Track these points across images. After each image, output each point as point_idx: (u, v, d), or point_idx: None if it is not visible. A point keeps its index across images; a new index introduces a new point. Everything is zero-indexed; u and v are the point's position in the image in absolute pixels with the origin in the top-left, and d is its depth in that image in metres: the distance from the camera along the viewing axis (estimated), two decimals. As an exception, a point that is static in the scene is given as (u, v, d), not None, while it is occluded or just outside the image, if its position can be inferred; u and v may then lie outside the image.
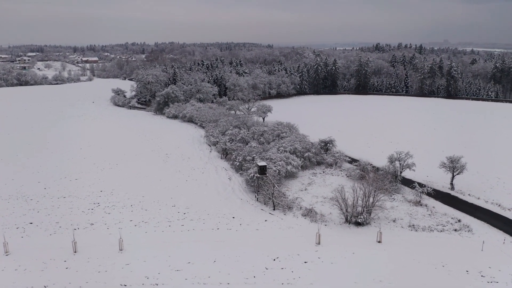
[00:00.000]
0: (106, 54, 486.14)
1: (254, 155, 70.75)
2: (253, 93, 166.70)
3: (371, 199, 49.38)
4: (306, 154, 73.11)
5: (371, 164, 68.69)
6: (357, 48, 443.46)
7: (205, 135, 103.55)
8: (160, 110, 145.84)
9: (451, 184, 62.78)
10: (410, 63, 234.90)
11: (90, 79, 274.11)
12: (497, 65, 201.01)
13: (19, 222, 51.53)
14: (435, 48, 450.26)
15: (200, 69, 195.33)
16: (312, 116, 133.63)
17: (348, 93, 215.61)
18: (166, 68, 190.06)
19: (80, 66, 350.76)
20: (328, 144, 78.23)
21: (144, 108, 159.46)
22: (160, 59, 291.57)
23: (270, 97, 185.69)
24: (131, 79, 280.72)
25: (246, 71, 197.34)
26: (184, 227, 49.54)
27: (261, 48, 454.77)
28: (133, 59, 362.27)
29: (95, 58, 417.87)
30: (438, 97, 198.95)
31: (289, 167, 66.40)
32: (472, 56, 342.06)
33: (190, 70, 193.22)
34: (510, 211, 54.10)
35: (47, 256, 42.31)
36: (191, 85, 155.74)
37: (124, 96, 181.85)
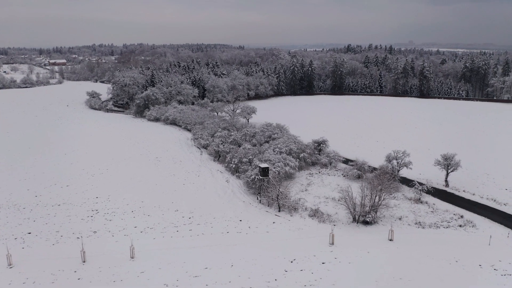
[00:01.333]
0: (74, 56, 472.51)
1: (251, 156, 70.38)
2: (237, 94, 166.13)
3: (377, 198, 49.98)
4: (302, 154, 73.34)
5: (366, 164, 69.48)
6: (327, 49, 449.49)
7: (192, 138, 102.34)
8: (140, 113, 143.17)
9: (446, 181, 64.45)
10: (382, 64, 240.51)
11: (60, 82, 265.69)
12: (467, 64, 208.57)
13: (16, 232, 49.14)
14: (402, 49, 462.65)
15: (178, 71, 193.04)
16: (294, 117, 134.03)
17: (325, 94, 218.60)
18: (142, 70, 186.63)
19: (48, 69, 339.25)
20: (321, 145, 78.81)
21: (123, 111, 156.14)
22: (132, 60, 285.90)
23: (249, 98, 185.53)
24: (103, 82, 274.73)
25: (224, 72, 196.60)
26: (193, 231, 48.59)
27: (233, 49, 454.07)
28: (104, 61, 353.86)
29: (63, 60, 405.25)
30: (411, 96, 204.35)
31: (287, 168, 66.40)
32: (438, 56, 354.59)
33: (167, 71, 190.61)
34: (506, 206, 56.04)
35: (55, 267, 40.44)
36: (171, 87, 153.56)
37: (99, 99, 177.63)
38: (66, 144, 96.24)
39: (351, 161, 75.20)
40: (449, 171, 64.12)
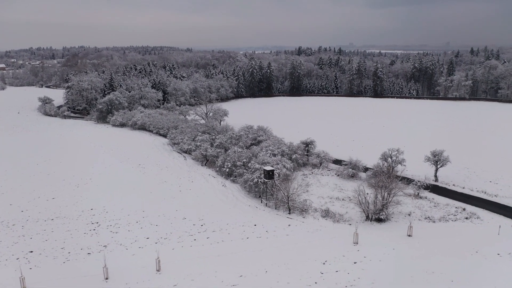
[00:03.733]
0: (12, 60, 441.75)
1: (245, 160, 69.51)
2: (210, 97, 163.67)
3: (388, 196, 51.18)
4: (294, 156, 73.63)
5: (360, 162, 70.90)
6: (274, 51, 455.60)
7: (169, 143, 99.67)
8: (103, 118, 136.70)
9: (435, 176, 67.41)
10: (336, 65, 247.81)
11: (3, 88, 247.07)
12: (416, 65, 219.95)
13: (16, 252, 44.93)
14: (346, 51, 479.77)
15: (135, 74, 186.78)
16: (262, 118, 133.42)
17: (284, 95, 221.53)
18: (98, 74, 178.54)
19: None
20: (309, 145, 79.50)
21: (82, 117, 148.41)
22: (80, 64, 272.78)
23: (211, 101, 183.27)
24: (49, 87, 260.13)
25: (183, 75, 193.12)
26: (211, 239, 47.00)
27: (180, 51, 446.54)
28: (48, 64, 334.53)
29: (2, 65, 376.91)
30: (366, 96, 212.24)
31: (284, 170, 66.28)
32: (381, 58, 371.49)
33: (123, 75, 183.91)
34: (497, 197, 59.60)
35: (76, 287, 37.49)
36: (133, 90, 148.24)
37: (53, 104, 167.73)
38: (34, 153, 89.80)
39: (340, 161, 76.58)
40: (438, 166, 67.12)
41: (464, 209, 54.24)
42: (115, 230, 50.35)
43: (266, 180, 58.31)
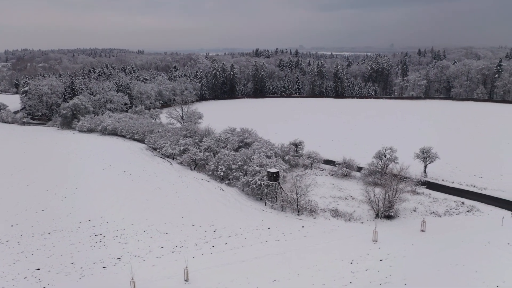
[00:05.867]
0: None
1: (240, 162, 68.64)
2: (186, 99, 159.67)
3: (395, 194, 52.45)
4: (287, 157, 73.69)
5: (353, 161, 72.14)
6: (228, 53, 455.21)
7: (147, 148, 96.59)
8: (67, 124, 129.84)
9: (425, 172, 69.99)
10: (296, 67, 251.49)
11: None
12: (373, 66, 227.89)
13: (22, 271, 41.49)
14: (300, 53, 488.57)
15: (96, 77, 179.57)
16: (234, 120, 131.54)
17: (247, 97, 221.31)
18: (56, 77, 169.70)
19: None
20: (298, 146, 79.95)
21: (44, 123, 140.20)
22: (30, 67, 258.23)
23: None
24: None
25: (147, 77, 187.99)
26: (229, 245, 45.84)
27: (132, 54, 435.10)
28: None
29: None
30: (327, 97, 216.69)
31: (282, 172, 66.10)
32: (333, 59, 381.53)
33: (84, 78, 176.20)
34: (486, 190, 62.84)
35: (104, 304, 35.26)
36: (99, 94, 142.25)
37: (9, 110, 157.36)
38: (4, 163, 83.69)
39: (330, 161, 77.66)
40: (427, 163, 69.75)
41: (463, 203, 56.68)
42: (124, 241, 47.89)
43: (271, 183, 57.90)
